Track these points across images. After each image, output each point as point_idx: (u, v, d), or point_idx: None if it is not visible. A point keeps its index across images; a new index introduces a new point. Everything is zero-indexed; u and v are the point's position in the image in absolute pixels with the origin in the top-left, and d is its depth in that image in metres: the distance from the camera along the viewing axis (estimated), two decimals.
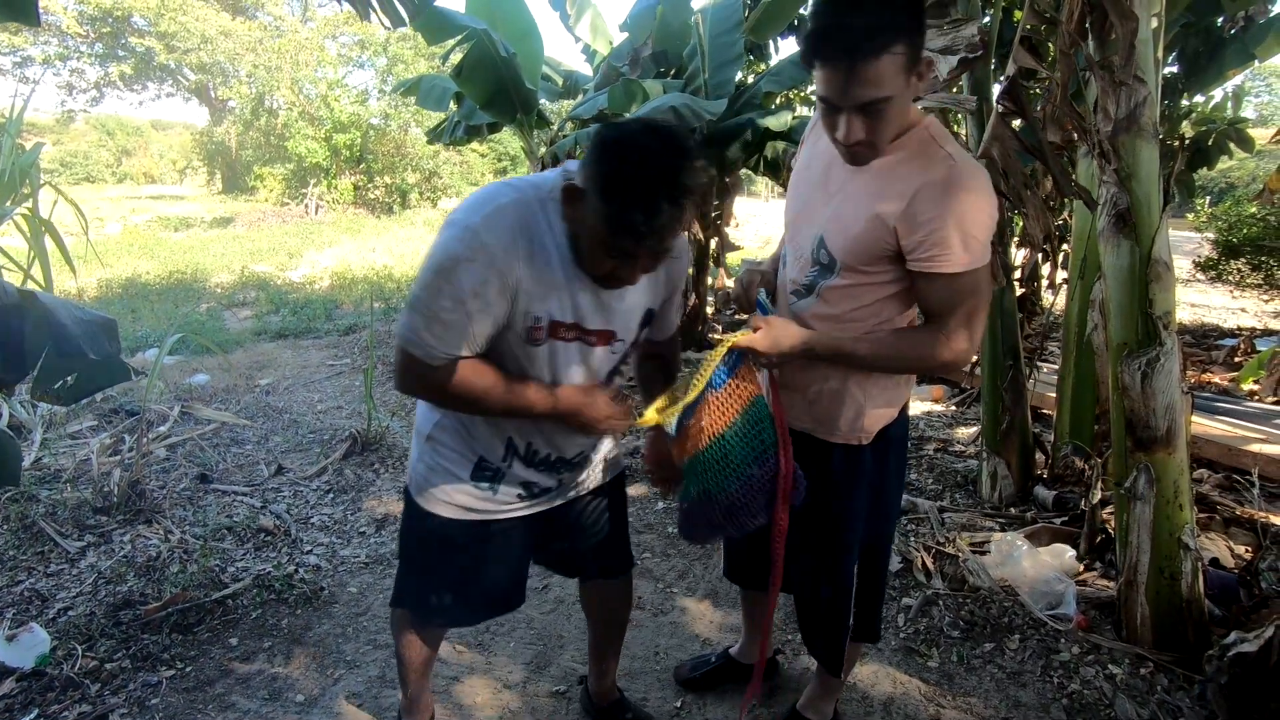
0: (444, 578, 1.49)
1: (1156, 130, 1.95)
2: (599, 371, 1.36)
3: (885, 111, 1.19)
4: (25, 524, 2.84)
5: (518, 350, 1.25)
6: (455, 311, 1.13)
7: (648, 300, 1.37)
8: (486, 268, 1.12)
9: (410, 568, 1.55)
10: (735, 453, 1.38)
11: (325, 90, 18.46)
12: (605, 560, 1.65)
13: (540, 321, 1.22)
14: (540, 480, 1.44)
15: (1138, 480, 2.03)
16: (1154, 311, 1.96)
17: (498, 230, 1.14)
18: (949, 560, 2.58)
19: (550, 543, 1.58)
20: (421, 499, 1.44)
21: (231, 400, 4.51)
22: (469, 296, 1.13)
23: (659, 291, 1.39)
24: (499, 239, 1.13)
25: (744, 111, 5.04)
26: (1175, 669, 2.00)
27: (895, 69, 1.14)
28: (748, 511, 1.42)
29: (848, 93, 1.17)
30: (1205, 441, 3.29)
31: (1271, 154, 8.72)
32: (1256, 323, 6.95)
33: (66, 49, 22.98)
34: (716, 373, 1.35)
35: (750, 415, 1.39)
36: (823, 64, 1.17)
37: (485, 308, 1.15)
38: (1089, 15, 2.00)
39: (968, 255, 1.24)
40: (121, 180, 29.61)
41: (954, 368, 1.37)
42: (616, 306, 1.30)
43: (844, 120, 1.21)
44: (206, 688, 2.04)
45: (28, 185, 3.63)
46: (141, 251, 10.90)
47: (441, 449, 1.40)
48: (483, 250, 1.12)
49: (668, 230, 1.08)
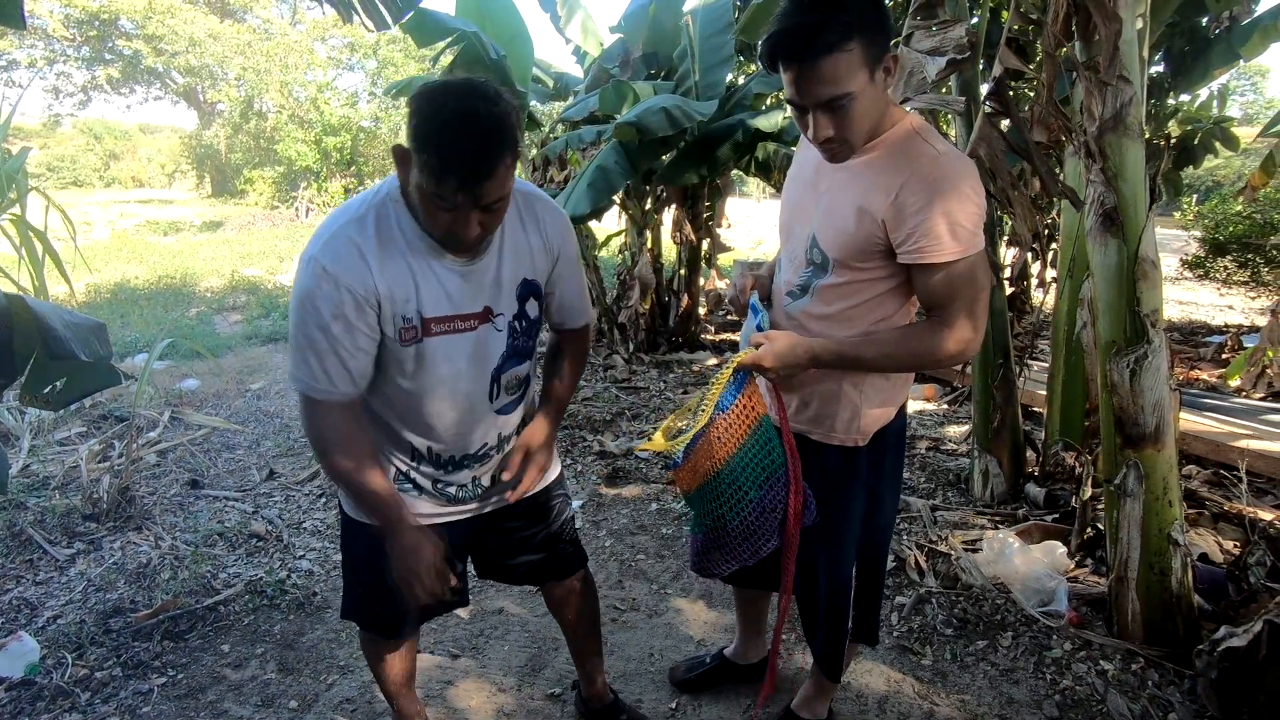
0: (377, 585, 1.48)
1: (1142, 129, 1.97)
2: (492, 355, 1.33)
3: (849, 108, 1.21)
4: (13, 532, 2.82)
5: (400, 356, 1.26)
6: (325, 341, 1.19)
7: (523, 270, 1.34)
8: (335, 290, 1.17)
9: (352, 580, 1.55)
10: (747, 476, 1.36)
11: (315, 93, 18.40)
12: (553, 563, 1.63)
13: (411, 321, 1.23)
14: (452, 479, 1.43)
15: (1127, 477, 2.04)
16: (1142, 309, 1.98)
17: (336, 254, 1.18)
18: (941, 558, 2.59)
19: (491, 556, 1.59)
20: (352, 511, 1.44)
21: (222, 405, 4.49)
22: (331, 321, 1.18)
23: (535, 261, 1.35)
24: (339, 262, 1.17)
25: (735, 113, 5.05)
26: (1166, 664, 2.02)
27: (850, 66, 1.17)
28: (763, 535, 1.40)
29: (805, 92, 1.21)
30: (1193, 438, 3.32)
31: (1256, 152, 8.79)
32: (1244, 319, 7.01)
33: (53, 52, 22.78)
34: (724, 394, 1.33)
35: (759, 435, 1.37)
36: (780, 66, 1.21)
37: (348, 329, 1.19)
38: (1074, 16, 2.01)
39: (957, 244, 1.25)
40: (109, 185, 29.37)
41: (961, 360, 1.36)
42: (485, 281, 1.28)
43: (811, 119, 1.24)
44: (198, 695, 2.02)
45: (14, 191, 3.60)
46: (130, 256, 10.82)
47: None
48: (327, 276, 1.17)
49: (479, 169, 1.08)
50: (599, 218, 5.21)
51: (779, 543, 1.43)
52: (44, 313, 1.61)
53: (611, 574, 2.62)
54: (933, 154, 1.27)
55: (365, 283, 1.18)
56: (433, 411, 1.32)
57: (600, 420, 4.16)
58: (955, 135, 2.97)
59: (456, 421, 1.35)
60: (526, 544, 1.58)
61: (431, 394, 1.30)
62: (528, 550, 1.58)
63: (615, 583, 2.57)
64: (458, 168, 1.07)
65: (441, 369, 1.29)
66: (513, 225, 1.31)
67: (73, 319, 1.70)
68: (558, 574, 1.65)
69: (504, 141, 1.09)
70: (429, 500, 1.43)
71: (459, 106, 1.07)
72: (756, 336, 1.36)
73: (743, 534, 1.39)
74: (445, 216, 1.14)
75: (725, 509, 1.37)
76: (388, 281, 1.20)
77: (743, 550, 1.41)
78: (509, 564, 1.61)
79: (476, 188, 1.10)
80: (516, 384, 1.41)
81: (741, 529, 1.39)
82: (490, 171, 1.09)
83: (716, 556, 1.46)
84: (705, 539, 1.46)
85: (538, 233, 1.34)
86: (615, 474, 3.44)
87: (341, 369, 1.21)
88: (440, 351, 1.27)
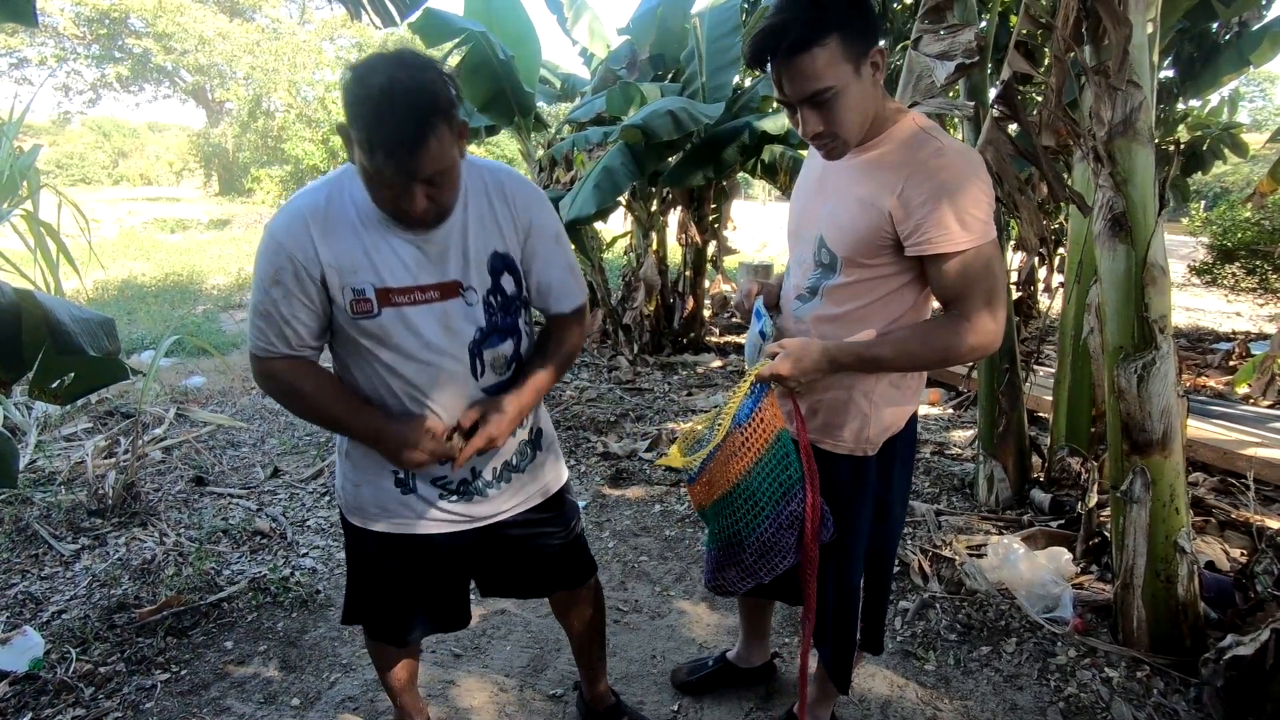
0: (380, 594, 1.49)
1: (1152, 135, 1.96)
2: (465, 329, 1.30)
3: (833, 103, 1.23)
4: (19, 527, 2.83)
5: (353, 331, 1.26)
6: (265, 302, 1.24)
7: (493, 243, 1.31)
8: (277, 255, 1.21)
9: (354, 584, 1.54)
10: (764, 491, 1.34)
11: (323, 92, 18.47)
12: (562, 574, 1.61)
13: (364, 294, 1.23)
14: (450, 472, 1.39)
15: (1134, 483, 2.03)
16: (1150, 315, 1.97)
17: (286, 223, 1.22)
18: (946, 563, 2.58)
19: (497, 570, 1.57)
20: (353, 517, 1.43)
21: (227, 402, 4.50)
22: (270, 285, 1.22)
23: (504, 233, 1.32)
24: (287, 230, 1.22)
25: (741, 115, 5.06)
26: (1171, 672, 2.01)
27: (830, 60, 1.19)
28: (779, 552, 1.37)
29: (788, 89, 1.23)
30: (1201, 445, 3.30)
31: (1265, 158, 8.75)
32: (1251, 326, 6.98)
33: (63, 50, 22.95)
34: (741, 408, 1.31)
35: (777, 450, 1.35)
36: (764, 65, 1.24)
37: (287, 295, 1.23)
38: (1084, 20, 2.01)
39: (967, 233, 1.24)
40: (118, 182, 29.55)
41: (983, 354, 1.32)
42: (448, 252, 1.27)
43: (799, 115, 1.26)
44: (201, 691, 2.03)
45: (25, 187, 3.62)
46: (137, 253, 10.88)
47: (360, 461, 1.39)
48: (273, 242, 1.22)
49: (409, 142, 1.06)
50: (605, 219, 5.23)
51: (796, 559, 1.40)
52: (52, 307, 1.61)
53: (614, 575, 2.62)
54: (938, 146, 1.27)
55: (306, 252, 1.21)
56: (416, 385, 1.30)
57: (604, 421, 4.16)
58: (963, 139, 2.96)
59: (440, 396, 1.32)
60: (535, 554, 1.55)
61: (407, 365, 1.28)
62: (537, 560, 1.56)
63: (618, 584, 2.57)
64: (385, 142, 1.06)
65: (408, 341, 1.27)
66: (476, 197, 1.29)
67: (81, 314, 1.70)
68: (568, 583, 1.64)
69: (432, 111, 1.07)
70: (425, 502, 1.39)
71: (382, 80, 1.06)
72: (771, 347, 1.33)
73: (759, 551, 1.36)
74: (385, 193, 1.14)
75: (742, 525, 1.34)
76: (334, 252, 1.21)
77: (759, 568, 1.38)
78: (517, 576, 1.59)
79: (409, 161, 1.08)
80: (504, 363, 1.37)
81: (758, 545, 1.36)
82: (420, 142, 1.07)
83: (733, 574, 1.43)
84: (720, 555, 1.43)
85: (505, 204, 1.32)
86: (619, 475, 3.44)
87: (280, 330, 1.25)
88: (404, 322, 1.26)
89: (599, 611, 1.74)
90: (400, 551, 1.43)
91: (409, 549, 1.43)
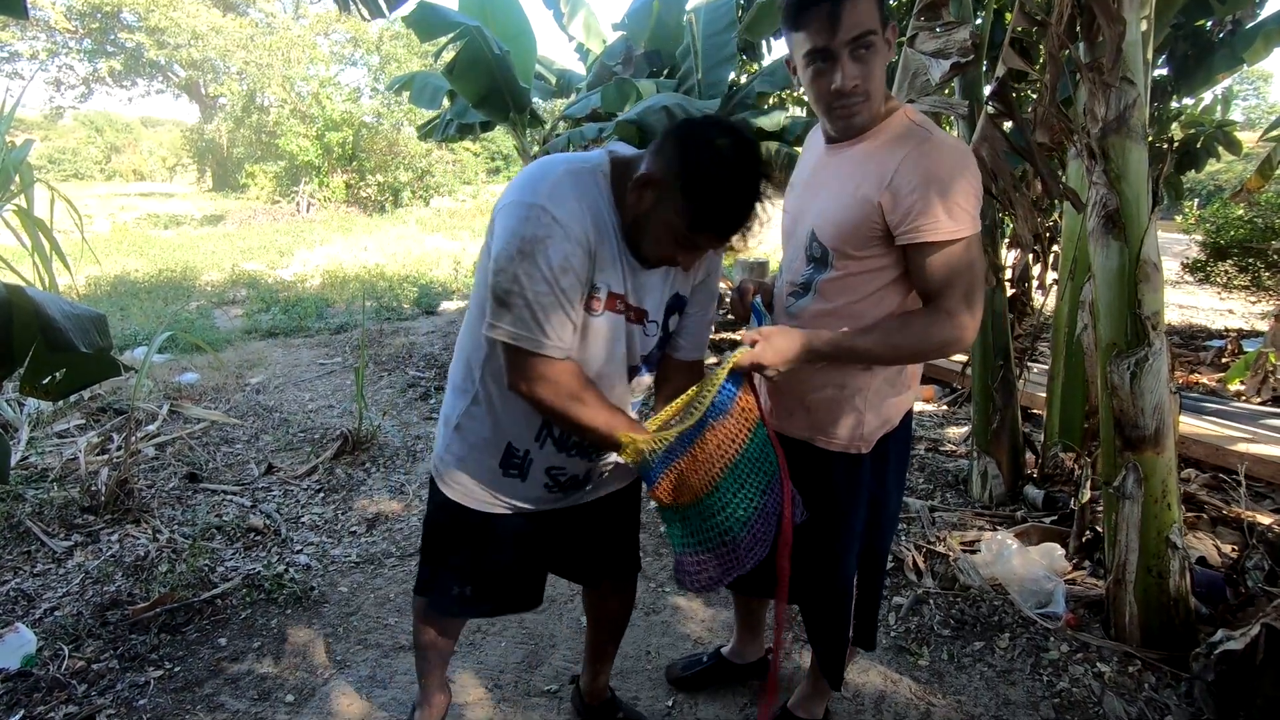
0: (464, 569, 1.49)
1: (1146, 132, 1.96)
2: (635, 352, 1.34)
3: (872, 55, 1.25)
4: (11, 523, 2.82)
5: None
6: (550, 293, 1.13)
7: (676, 284, 1.35)
8: (565, 240, 1.12)
9: (432, 557, 1.54)
10: (753, 483, 1.32)
11: (317, 88, 18.37)
12: (615, 564, 1.64)
13: (599, 291, 1.22)
14: (569, 466, 1.39)
15: (1126, 479, 2.04)
16: (1143, 312, 1.98)
17: (563, 202, 1.14)
18: (939, 559, 2.59)
19: (565, 547, 1.56)
20: (447, 488, 1.43)
21: (221, 399, 4.48)
22: (559, 273, 1.12)
23: (691, 277, 1.38)
24: (568, 211, 1.13)
25: (737, 111, 5.06)
26: (1163, 667, 2.02)
27: (871, 10, 1.22)
28: (762, 544, 1.35)
29: (836, 31, 1.22)
30: (1193, 441, 3.32)
31: (1258, 156, 8.79)
32: (1244, 324, 7.01)
33: (55, 44, 22.79)
34: (721, 396, 1.27)
35: (757, 440, 1.33)
36: (808, 14, 1.23)
37: (576, 283, 1.15)
38: (1078, 18, 2.01)
39: (954, 223, 1.25)
40: (110, 177, 29.40)
41: (958, 348, 1.35)
42: (648, 285, 1.29)
43: (838, 68, 1.25)
44: (195, 688, 2.02)
45: (17, 182, 3.59)
46: (130, 249, 10.83)
47: (470, 436, 1.38)
48: (556, 225, 1.12)
49: (748, 231, 1.15)
50: None
51: (770, 548, 1.37)
52: (43, 303, 1.60)
53: None
54: (927, 137, 1.28)
55: (589, 237, 1.16)
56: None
57: None
58: (958, 136, 2.96)
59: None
60: (604, 537, 1.57)
61: (583, 367, 1.27)
62: (603, 543, 1.58)
63: None
64: (722, 225, 1.13)
65: (598, 346, 1.27)
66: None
67: (72, 310, 1.69)
68: (616, 573, 1.66)
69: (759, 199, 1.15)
70: (531, 487, 1.40)
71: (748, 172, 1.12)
72: (749, 334, 1.32)
73: (749, 545, 1.34)
74: (680, 254, 1.20)
75: (733, 521, 1.30)
76: (599, 244, 1.18)
77: (746, 559, 1.35)
78: (577, 552, 1.58)
79: (726, 241, 1.16)
80: (639, 390, 1.42)
81: (750, 539, 1.33)
82: (742, 228, 1.15)
83: (715, 572, 1.36)
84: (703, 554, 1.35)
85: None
86: None
87: (566, 323, 1.16)
88: (612, 330, 1.27)
89: (627, 610, 1.76)
90: (485, 529, 1.44)
91: (501, 528, 1.44)
